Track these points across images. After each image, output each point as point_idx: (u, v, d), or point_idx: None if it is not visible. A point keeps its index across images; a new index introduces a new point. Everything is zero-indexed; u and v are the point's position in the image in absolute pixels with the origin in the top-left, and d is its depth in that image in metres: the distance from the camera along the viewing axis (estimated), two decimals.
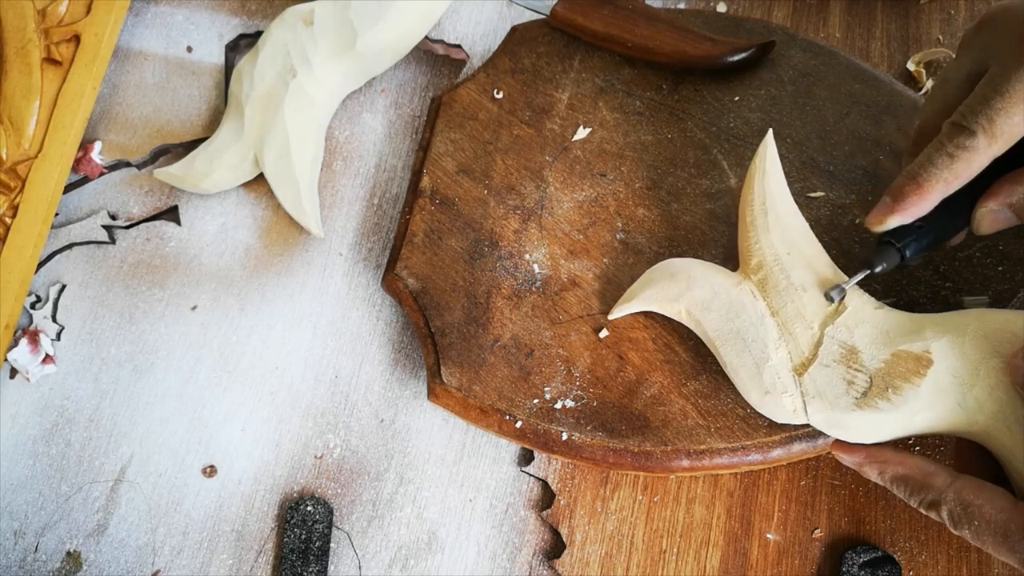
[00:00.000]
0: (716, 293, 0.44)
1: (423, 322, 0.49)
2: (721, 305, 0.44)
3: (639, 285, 0.47)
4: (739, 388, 0.44)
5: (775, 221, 0.44)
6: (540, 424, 0.46)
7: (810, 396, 0.41)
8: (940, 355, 0.39)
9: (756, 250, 0.44)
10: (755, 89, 0.53)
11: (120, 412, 0.51)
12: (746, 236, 0.45)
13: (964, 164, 0.39)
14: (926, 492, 0.38)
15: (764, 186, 0.45)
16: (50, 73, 0.55)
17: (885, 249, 0.41)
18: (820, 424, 0.42)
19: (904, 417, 0.40)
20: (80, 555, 0.48)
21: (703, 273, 0.45)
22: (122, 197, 0.57)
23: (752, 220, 0.45)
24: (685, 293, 0.44)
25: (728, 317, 0.43)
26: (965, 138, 0.38)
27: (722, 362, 0.44)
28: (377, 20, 0.54)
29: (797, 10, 0.58)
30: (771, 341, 0.43)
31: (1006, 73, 0.37)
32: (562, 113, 0.54)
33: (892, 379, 0.40)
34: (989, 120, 0.37)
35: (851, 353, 0.41)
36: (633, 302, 0.46)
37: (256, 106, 0.54)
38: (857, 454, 0.41)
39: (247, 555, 0.48)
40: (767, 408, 0.43)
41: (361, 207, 0.56)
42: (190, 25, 0.61)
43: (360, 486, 0.49)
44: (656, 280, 0.46)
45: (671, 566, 0.46)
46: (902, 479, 0.39)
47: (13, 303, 0.51)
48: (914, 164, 0.40)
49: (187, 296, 0.54)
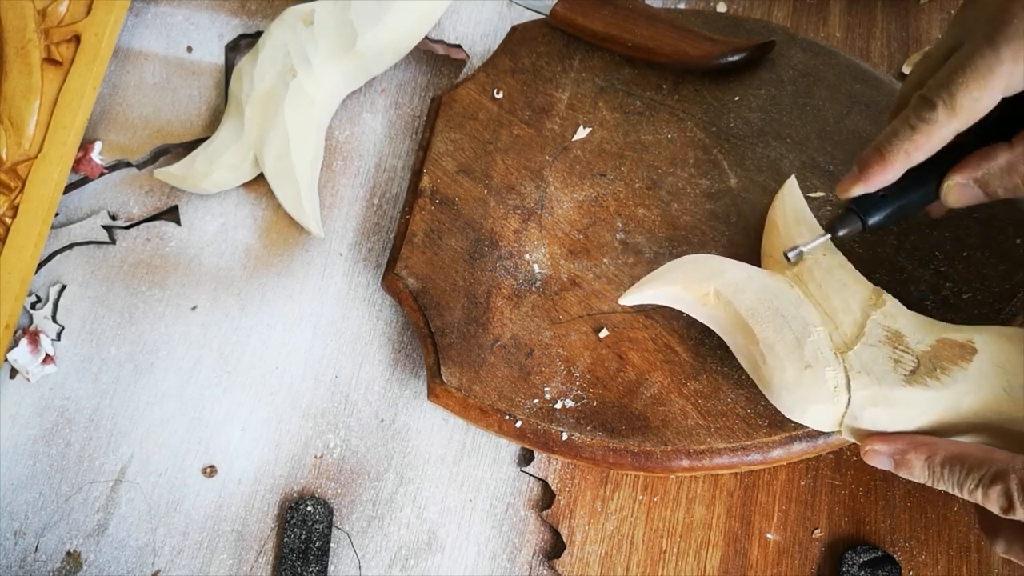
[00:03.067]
0: (751, 276, 0.44)
1: (423, 322, 0.49)
2: (757, 287, 0.43)
3: (664, 269, 0.46)
4: (769, 372, 0.42)
5: (806, 228, 0.45)
6: (540, 424, 0.46)
7: (855, 371, 0.40)
8: (983, 346, 0.40)
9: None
10: (755, 89, 0.53)
11: (120, 412, 0.51)
12: (778, 235, 0.46)
13: (925, 136, 0.39)
14: (988, 466, 0.36)
15: (795, 204, 0.47)
16: (50, 73, 0.55)
17: (848, 215, 0.43)
18: (862, 403, 0.40)
19: (953, 397, 0.39)
20: (80, 555, 0.48)
21: (733, 263, 0.45)
22: (122, 197, 0.57)
23: (785, 224, 0.46)
24: (717, 276, 0.44)
25: (765, 297, 0.43)
26: (927, 111, 0.39)
27: (751, 343, 0.43)
28: (377, 20, 0.54)
29: (797, 10, 0.58)
30: (812, 319, 0.42)
31: (973, 49, 0.38)
32: (562, 113, 0.54)
33: (940, 361, 0.40)
34: (950, 94, 0.38)
35: (896, 336, 0.41)
36: (656, 283, 0.45)
37: (256, 106, 0.54)
38: (900, 441, 0.39)
39: (247, 555, 0.48)
40: (803, 387, 0.41)
41: (361, 207, 0.56)
42: (190, 25, 0.61)
43: (360, 486, 0.49)
44: (684, 265, 0.45)
45: (671, 566, 0.46)
46: (957, 458, 0.37)
47: (13, 303, 0.51)
48: (880, 136, 0.41)
49: (187, 296, 0.54)
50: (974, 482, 0.36)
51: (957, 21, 0.41)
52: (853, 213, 0.42)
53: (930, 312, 0.45)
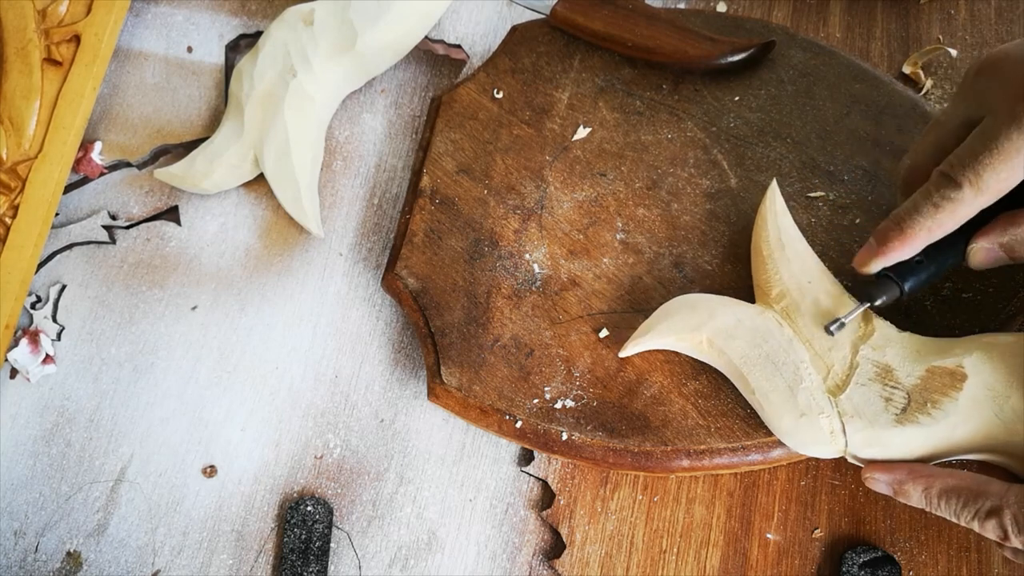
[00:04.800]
0: (740, 320, 0.44)
1: (423, 322, 0.49)
2: (746, 331, 0.44)
3: (655, 318, 0.46)
4: (768, 417, 0.43)
5: (793, 254, 0.45)
6: (540, 424, 0.46)
7: (848, 415, 0.41)
8: (973, 370, 0.40)
9: (776, 281, 0.44)
10: (755, 89, 0.53)
11: (120, 412, 0.51)
12: (764, 269, 0.45)
13: (948, 215, 0.39)
14: (983, 500, 0.37)
15: (778, 223, 0.46)
16: (50, 73, 0.55)
17: (884, 283, 0.42)
18: (859, 445, 0.41)
19: (945, 431, 0.40)
20: (80, 555, 0.48)
21: (723, 303, 0.45)
22: (122, 197, 0.57)
23: (770, 254, 0.45)
24: (707, 322, 0.44)
25: (755, 343, 0.43)
26: (951, 190, 0.38)
27: (749, 390, 0.44)
28: (377, 20, 0.54)
29: (797, 10, 0.58)
30: (803, 363, 0.42)
31: (998, 127, 0.37)
32: (562, 113, 0.54)
33: (930, 394, 0.40)
34: (976, 174, 0.37)
35: (885, 371, 0.41)
36: (650, 335, 0.45)
37: (256, 106, 0.54)
38: (898, 471, 0.40)
39: (247, 555, 0.48)
40: (801, 433, 0.42)
41: (361, 207, 0.56)
42: (190, 25, 0.61)
43: (360, 486, 0.49)
44: (674, 312, 0.45)
45: (671, 566, 0.46)
46: (953, 491, 0.38)
47: (13, 303, 0.51)
48: (900, 210, 0.40)
49: (187, 296, 0.54)
50: (970, 514, 0.37)
51: (972, 89, 0.40)
52: (889, 280, 0.42)
53: (930, 312, 0.46)
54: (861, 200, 0.49)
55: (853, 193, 0.49)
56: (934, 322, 0.45)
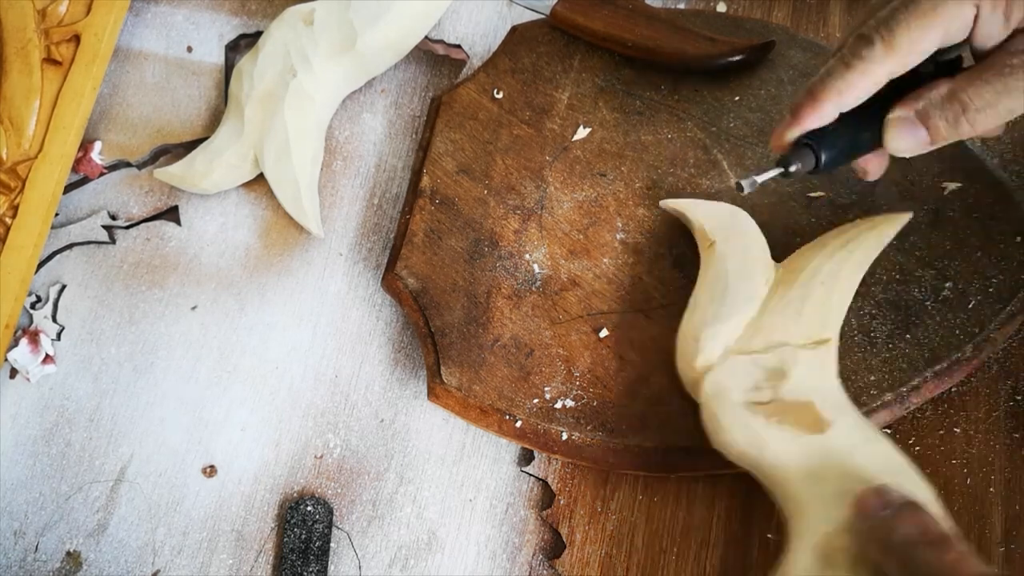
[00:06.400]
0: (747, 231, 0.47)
1: (423, 322, 0.49)
2: (737, 248, 0.46)
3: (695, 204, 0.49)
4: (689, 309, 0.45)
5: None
6: (540, 424, 0.46)
7: (722, 372, 0.42)
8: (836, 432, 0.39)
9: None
10: (755, 89, 0.53)
11: (120, 412, 0.51)
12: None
13: (859, 74, 0.38)
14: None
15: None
16: (50, 73, 0.55)
17: (802, 150, 0.40)
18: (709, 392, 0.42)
19: (760, 446, 0.40)
20: (80, 555, 0.48)
21: (748, 219, 0.47)
22: (122, 197, 0.57)
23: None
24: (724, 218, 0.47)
25: (743, 246, 0.46)
26: (864, 47, 0.37)
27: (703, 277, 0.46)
28: (377, 20, 0.54)
29: (797, 10, 0.58)
30: (743, 302, 0.43)
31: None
32: (562, 113, 0.54)
33: (785, 415, 0.40)
34: (888, 30, 0.37)
35: (779, 375, 0.41)
36: (689, 207, 0.48)
37: (256, 106, 0.54)
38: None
39: (247, 555, 0.48)
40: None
41: (361, 207, 0.56)
42: (190, 25, 0.61)
43: (360, 486, 0.49)
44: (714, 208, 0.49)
45: (671, 566, 0.46)
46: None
47: (13, 303, 0.51)
48: (814, 77, 0.39)
49: (187, 296, 0.54)
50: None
51: None
52: (807, 147, 0.40)
53: (930, 312, 0.46)
54: (861, 200, 0.49)
55: (853, 193, 0.49)
56: (934, 322, 0.45)
